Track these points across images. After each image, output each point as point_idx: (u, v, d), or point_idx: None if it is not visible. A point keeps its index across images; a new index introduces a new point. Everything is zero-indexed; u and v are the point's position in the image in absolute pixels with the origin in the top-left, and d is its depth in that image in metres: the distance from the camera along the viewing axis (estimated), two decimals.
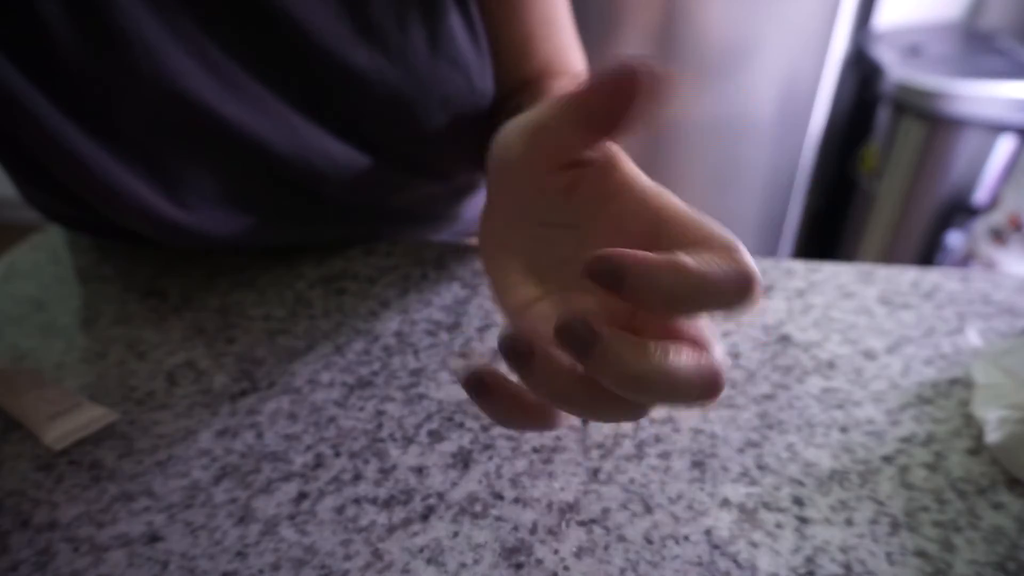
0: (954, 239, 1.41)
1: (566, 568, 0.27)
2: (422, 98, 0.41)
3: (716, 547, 0.28)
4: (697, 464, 0.32)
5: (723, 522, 0.29)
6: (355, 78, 0.39)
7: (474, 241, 0.31)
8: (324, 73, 0.38)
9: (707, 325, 0.21)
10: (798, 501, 0.30)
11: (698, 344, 0.20)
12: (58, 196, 0.42)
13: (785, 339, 0.39)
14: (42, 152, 0.35)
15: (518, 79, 0.45)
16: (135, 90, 0.35)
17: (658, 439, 0.33)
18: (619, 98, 0.20)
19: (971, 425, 0.33)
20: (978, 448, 0.32)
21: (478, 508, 0.30)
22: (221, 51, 0.36)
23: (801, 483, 0.31)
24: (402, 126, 0.42)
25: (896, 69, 1.34)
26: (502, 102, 0.45)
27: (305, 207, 0.45)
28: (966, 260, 1.36)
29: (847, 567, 0.27)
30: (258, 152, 0.39)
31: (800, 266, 0.45)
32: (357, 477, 0.31)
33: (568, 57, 0.47)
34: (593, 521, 0.29)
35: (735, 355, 0.38)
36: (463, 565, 0.27)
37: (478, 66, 0.42)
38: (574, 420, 0.24)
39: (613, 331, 0.19)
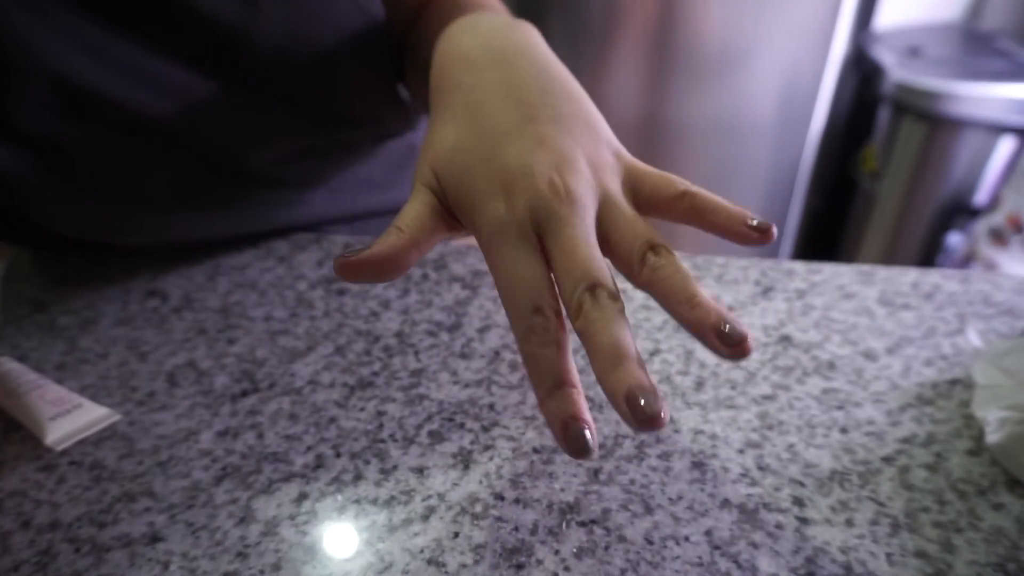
0: (954, 240, 1.42)
1: (567, 569, 0.27)
2: (316, 29, 0.40)
3: (716, 548, 0.28)
4: (697, 465, 0.32)
5: (723, 523, 0.29)
6: (249, 19, 0.37)
7: (473, 241, 0.31)
8: (214, 25, 0.37)
9: None
10: (798, 502, 0.30)
11: None
12: None
13: (785, 340, 0.39)
14: None
15: (416, 5, 0.45)
16: (16, 82, 0.34)
17: (658, 440, 0.33)
18: None
19: (971, 426, 0.33)
20: (979, 449, 0.32)
21: (478, 508, 0.30)
22: (99, 29, 0.34)
23: (801, 484, 0.31)
24: (304, 67, 0.41)
25: (896, 70, 1.34)
26: (404, 32, 0.45)
27: (238, 189, 0.43)
28: (966, 261, 1.36)
29: (847, 568, 0.27)
30: (159, 130, 0.38)
31: (800, 267, 0.45)
32: (358, 477, 0.32)
33: None
34: (593, 522, 0.29)
35: None
36: (463, 565, 0.27)
37: None
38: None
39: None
